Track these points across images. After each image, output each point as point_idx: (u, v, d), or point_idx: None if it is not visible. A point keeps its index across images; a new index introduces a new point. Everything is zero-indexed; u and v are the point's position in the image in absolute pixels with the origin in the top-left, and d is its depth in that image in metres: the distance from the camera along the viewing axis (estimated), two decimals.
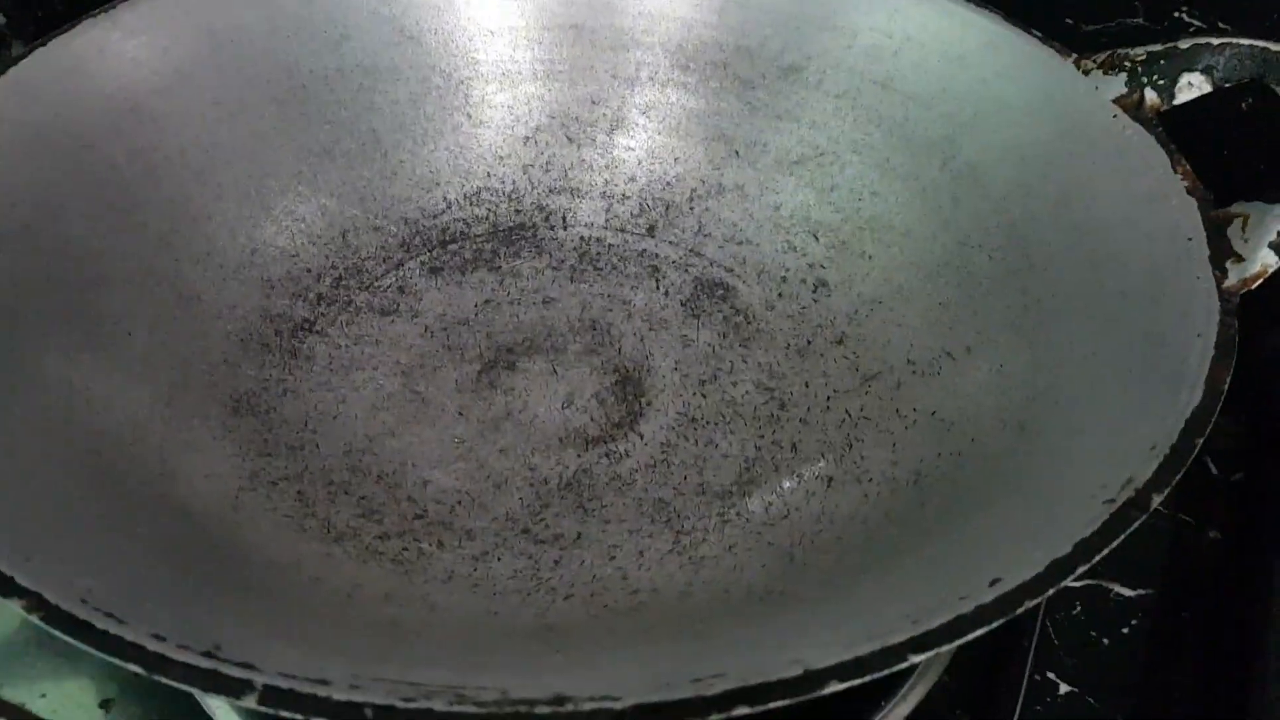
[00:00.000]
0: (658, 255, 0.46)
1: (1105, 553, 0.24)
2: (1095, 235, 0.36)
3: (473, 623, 0.31)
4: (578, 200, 0.48)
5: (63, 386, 0.33)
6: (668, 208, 0.47)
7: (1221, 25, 0.45)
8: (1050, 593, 0.24)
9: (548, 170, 0.48)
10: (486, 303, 0.44)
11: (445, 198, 0.47)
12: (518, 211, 0.48)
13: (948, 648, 0.23)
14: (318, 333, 0.42)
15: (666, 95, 0.49)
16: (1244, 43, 0.38)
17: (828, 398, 0.39)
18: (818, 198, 0.45)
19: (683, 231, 0.47)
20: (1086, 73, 0.40)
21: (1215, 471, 0.46)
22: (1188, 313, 0.31)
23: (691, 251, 0.46)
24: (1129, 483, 0.26)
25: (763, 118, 0.47)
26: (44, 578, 0.24)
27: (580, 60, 0.49)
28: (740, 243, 0.46)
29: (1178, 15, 0.46)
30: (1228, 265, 0.32)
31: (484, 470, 0.38)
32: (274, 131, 0.44)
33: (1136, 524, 0.25)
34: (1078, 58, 0.41)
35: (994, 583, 0.24)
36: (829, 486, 0.36)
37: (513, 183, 0.48)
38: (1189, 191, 0.35)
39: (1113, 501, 0.26)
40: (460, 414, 0.40)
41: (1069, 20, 0.48)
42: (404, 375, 0.41)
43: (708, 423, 0.39)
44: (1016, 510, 0.28)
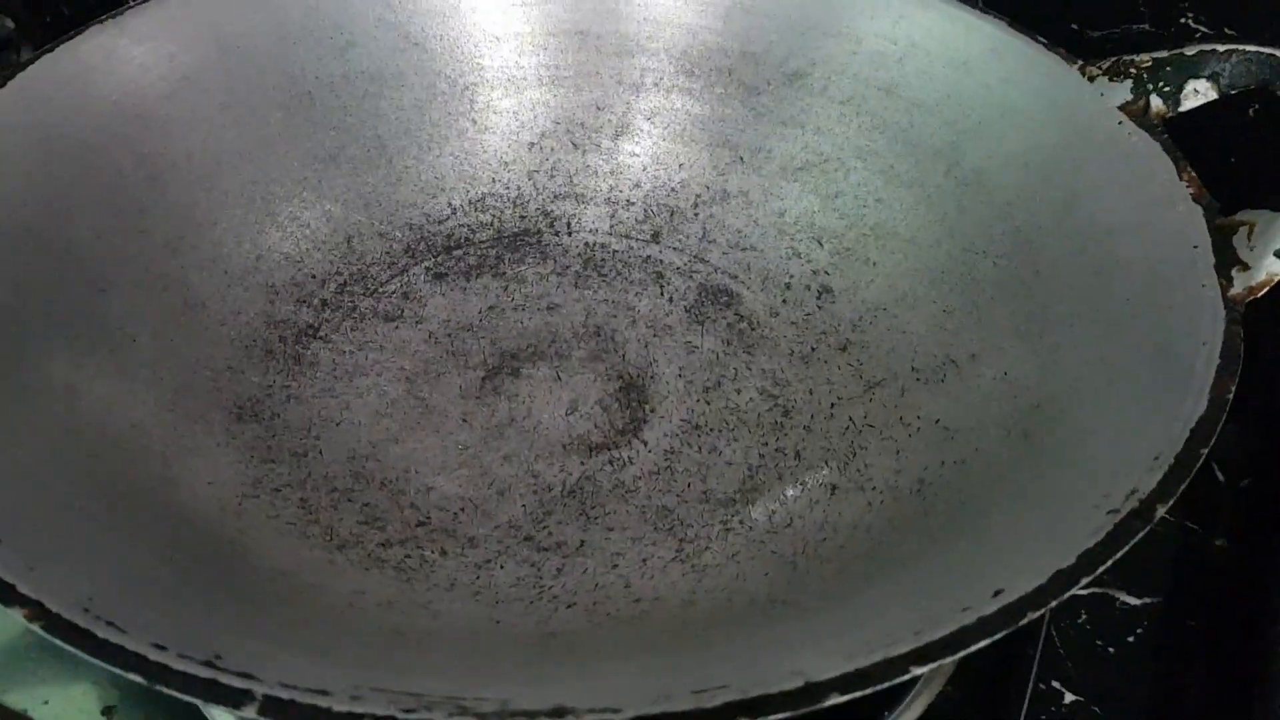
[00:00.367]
0: (662, 261, 0.46)
1: (1109, 564, 0.24)
2: (1100, 242, 0.36)
3: (475, 631, 0.31)
4: (582, 206, 0.48)
5: (67, 391, 0.33)
6: (672, 214, 0.47)
7: (1228, 31, 0.45)
8: (1053, 604, 0.24)
9: (553, 176, 0.48)
10: (491, 309, 0.44)
11: (450, 204, 0.47)
12: (522, 217, 0.48)
13: (950, 659, 0.23)
14: (322, 338, 0.42)
15: (671, 101, 0.49)
16: (1250, 49, 0.38)
17: (832, 405, 0.39)
18: (822, 204, 0.45)
19: (687, 238, 0.47)
20: (1092, 79, 0.40)
21: (1222, 479, 0.46)
22: (1193, 321, 0.31)
23: (696, 258, 0.46)
24: (1133, 493, 0.26)
25: (767, 124, 0.47)
26: (46, 586, 0.24)
27: (585, 66, 0.49)
28: (745, 249, 0.46)
29: (1184, 21, 0.46)
30: (1233, 273, 0.32)
31: (487, 477, 0.38)
32: (280, 137, 0.45)
33: (1140, 535, 0.25)
34: (1083, 64, 0.40)
35: (997, 594, 0.24)
36: (832, 494, 0.36)
37: (518, 188, 0.48)
38: (1194, 199, 0.34)
39: (1116, 512, 0.25)
40: (464, 420, 0.40)
41: (1074, 26, 0.48)
42: (408, 381, 0.41)
43: (711, 430, 0.39)
44: (1020, 519, 0.28)
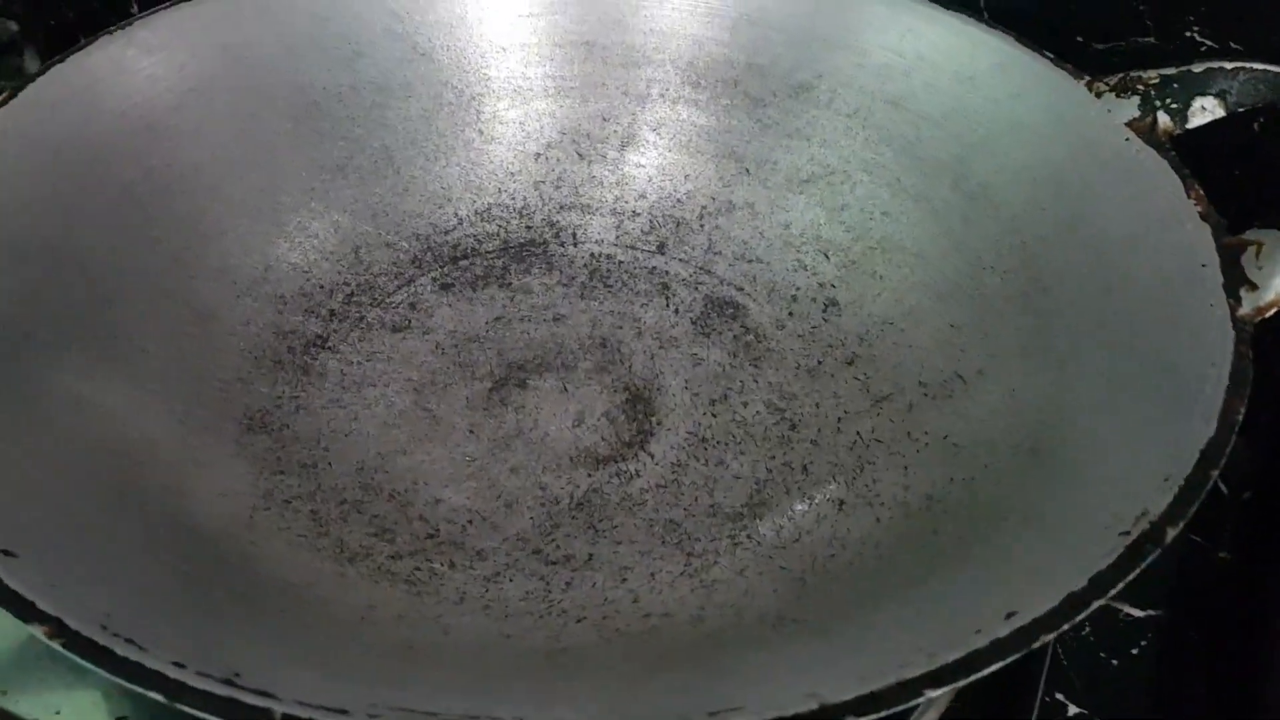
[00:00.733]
0: (668, 273, 0.46)
1: (1120, 587, 0.25)
2: (1107, 260, 0.36)
3: (486, 646, 0.31)
4: (588, 217, 0.48)
5: (78, 404, 0.34)
6: (678, 225, 0.48)
7: (1234, 46, 0.45)
8: (1065, 628, 0.24)
9: (559, 187, 0.49)
10: (497, 319, 0.44)
11: (457, 214, 0.47)
12: (528, 228, 0.48)
13: (964, 682, 0.23)
14: (330, 349, 0.42)
15: (677, 112, 0.49)
16: (1258, 67, 0.38)
17: (839, 419, 0.39)
18: (828, 217, 0.45)
19: (693, 249, 0.47)
20: (1099, 95, 0.40)
21: (1225, 491, 0.46)
22: (1201, 341, 0.31)
23: (702, 269, 0.46)
24: (1144, 515, 0.26)
25: (773, 136, 0.47)
26: (64, 603, 0.24)
27: (591, 77, 0.49)
28: (750, 261, 0.46)
29: (1189, 35, 0.46)
30: (1242, 293, 0.32)
31: (495, 489, 0.38)
32: (287, 148, 0.45)
33: (1152, 558, 0.25)
34: (1090, 80, 0.41)
35: (1009, 615, 0.24)
36: (840, 509, 0.36)
37: (524, 199, 0.48)
38: (1202, 217, 0.35)
39: (1127, 534, 0.26)
40: (471, 432, 0.40)
41: (1079, 39, 0.49)
42: (415, 392, 0.41)
43: (718, 443, 0.39)
44: (1030, 539, 0.29)
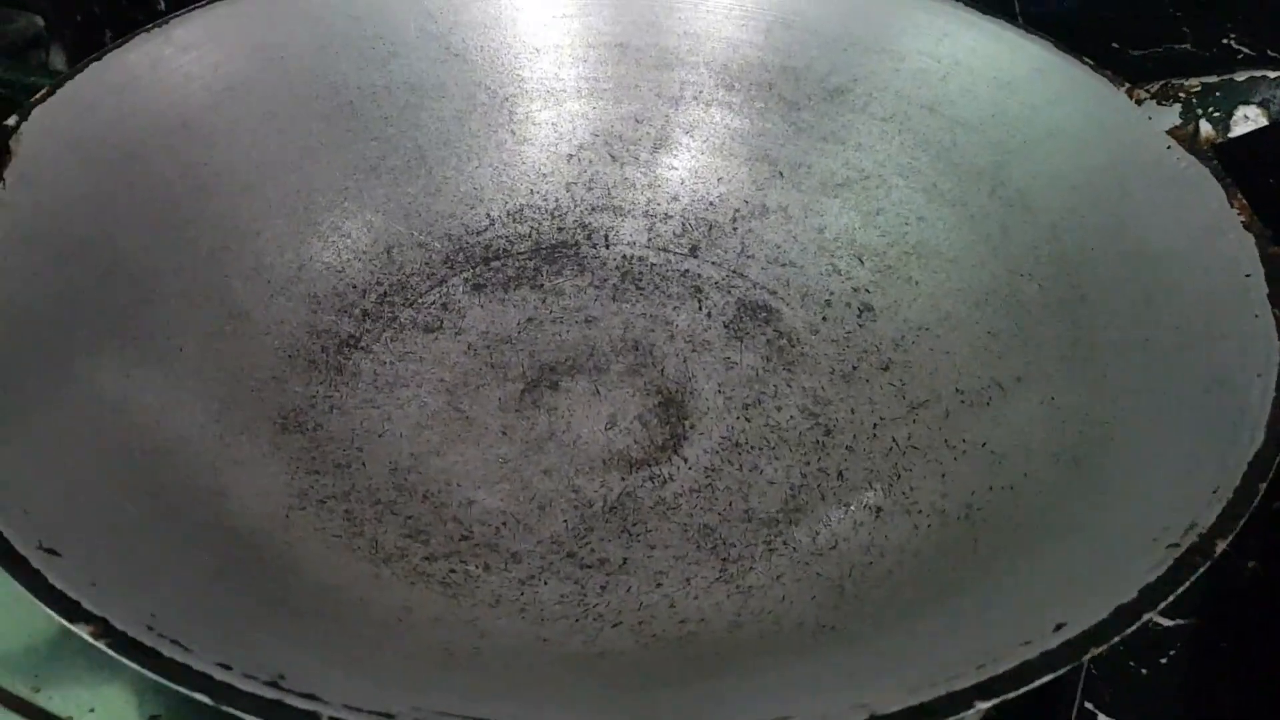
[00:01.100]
0: (700, 276, 0.46)
1: (1170, 599, 0.24)
2: (1149, 268, 0.36)
3: (523, 650, 0.31)
4: (620, 219, 0.48)
5: (118, 403, 0.34)
6: (710, 228, 0.47)
7: (1271, 54, 0.45)
8: (1115, 640, 0.24)
9: (591, 188, 0.48)
10: (529, 321, 0.44)
11: (489, 214, 0.47)
12: (560, 229, 0.48)
13: (1014, 694, 0.23)
14: (363, 349, 0.42)
15: (711, 115, 0.49)
16: None
17: (874, 425, 0.39)
18: (863, 221, 0.45)
19: (725, 252, 0.47)
20: (1140, 103, 0.39)
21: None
22: (1246, 352, 0.31)
23: (734, 272, 0.46)
24: (1192, 527, 0.26)
25: (808, 139, 0.47)
26: (109, 603, 0.24)
27: (625, 79, 0.49)
28: (784, 265, 0.46)
29: (1226, 42, 0.46)
30: None
31: (528, 491, 0.38)
32: (322, 147, 0.45)
33: (1201, 570, 0.25)
34: (1130, 87, 0.40)
35: (1059, 627, 0.24)
36: (877, 517, 0.36)
37: (556, 200, 0.48)
38: (1246, 226, 0.34)
39: (1176, 546, 0.25)
40: (504, 433, 0.40)
41: (1115, 44, 0.48)
42: (448, 393, 0.41)
43: (752, 448, 0.39)
44: (1074, 550, 0.28)
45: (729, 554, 0.35)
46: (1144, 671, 0.40)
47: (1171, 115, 0.39)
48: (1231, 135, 0.38)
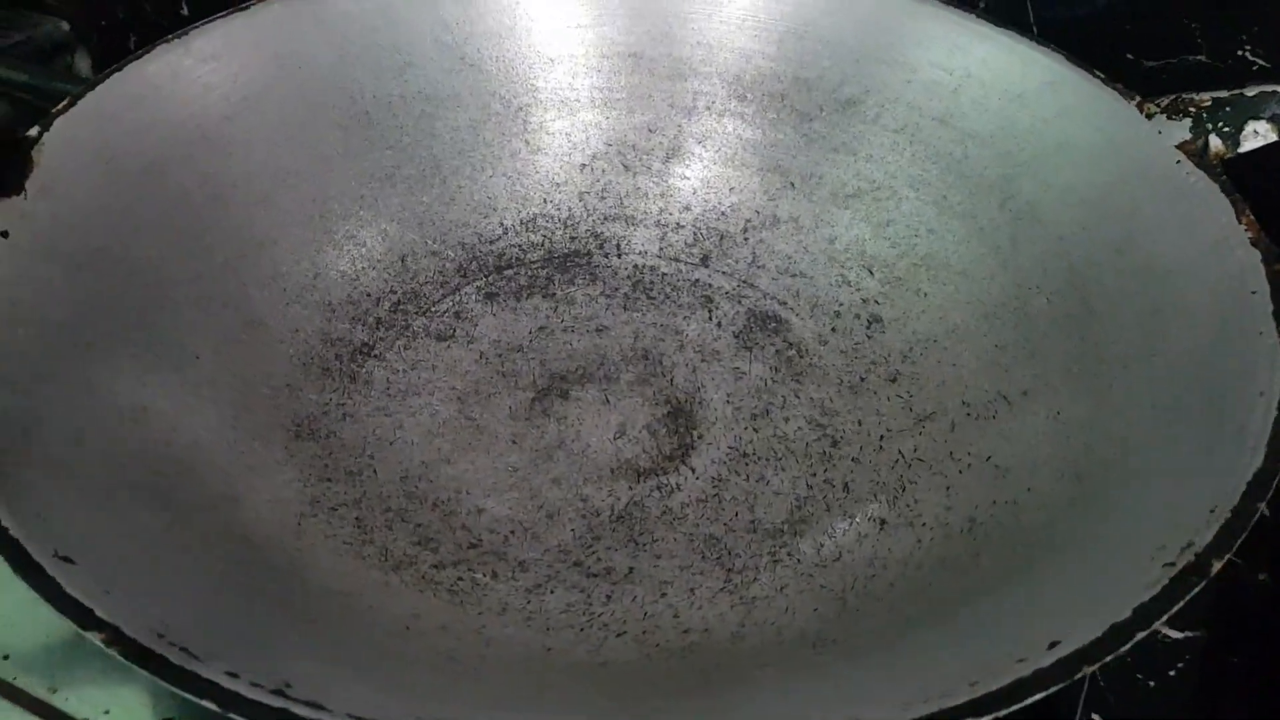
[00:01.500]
0: (711, 285, 0.47)
1: (1164, 619, 0.24)
2: (1156, 283, 0.36)
3: (528, 658, 0.31)
4: (632, 228, 0.48)
5: (134, 410, 0.34)
6: (722, 238, 0.48)
7: None
8: (1108, 659, 0.24)
9: (603, 198, 0.49)
10: (540, 329, 0.45)
11: (502, 223, 0.48)
12: (573, 238, 0.48)
13: (1005, 711, 0.23)
14: (376, 357, 0.43)
15: (723, 125, 0.49)
16: None
17: (881, 437, 0.40)
18: (873, 232, 0.45)
19: (736, 262, 0.47)
20: (1150, 116, 0.40)
21: (1266, 513, 0.46)
22: (1250, 370, 0.31)
23: (745, 283, 0.46)
24: (1189, 546, 0.26)
25: (819, 150, 0.47)
26: (121, 610, 0.25)
27: (638, 89, 0.49)
28: (794, 275, 0.46)
29: (1241, 54, 0.46)
30: None
31: (536, 500, 0.38)
32: (337, 156, 0.45)
33: (1196, 590, 0.25)
34: (1141, 101, 0.40)
35: (1052, 645, 0.24)
36: (882, 529, 0.36)
37: (568, 209, 0.49)
38: (1253, 243, 0.34)
39: (1172, 565, 0.26)
40: (514, 442, 0.40)
41: (1130, 56, 0.48)
42: (459, 401, 0.41)
43: (759, 458, 0.39)
44: (1073, 567, 0.28)
45: (734, 564, 0.36)
46: (1152, 684, 0.40)
47: (1182, 130, 0.39)
48: (1241, 150, 0.38)
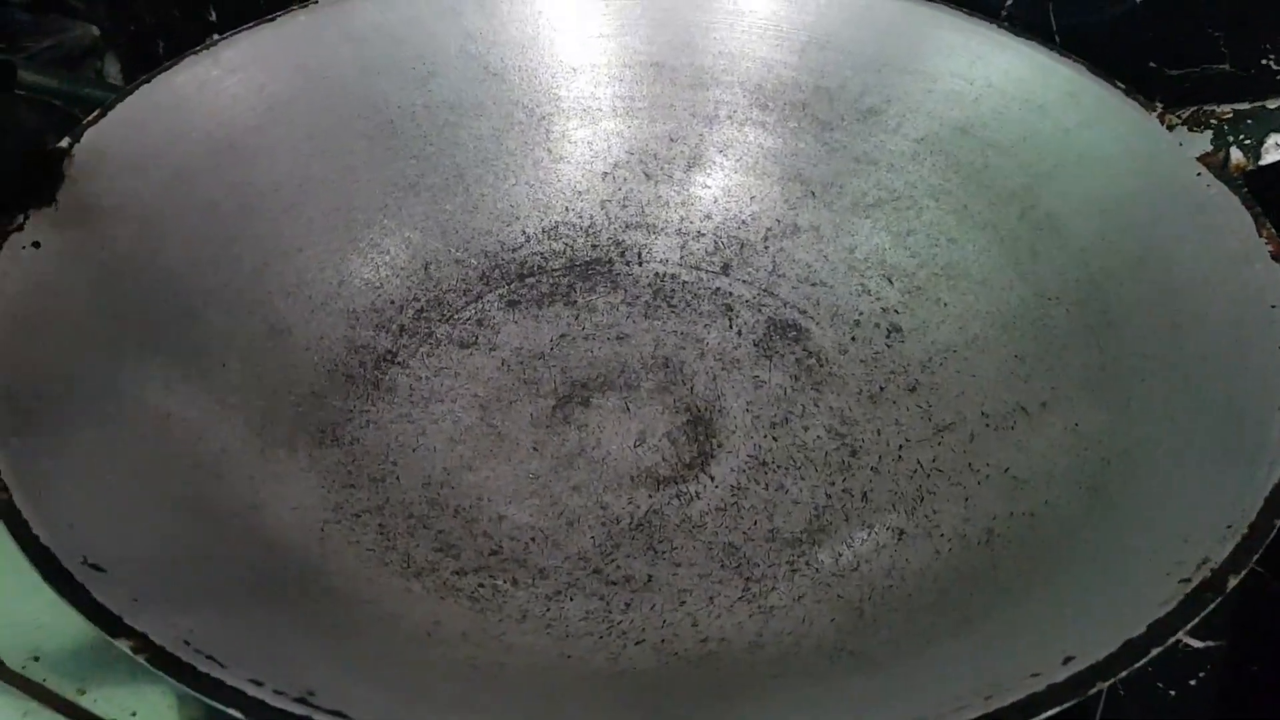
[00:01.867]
0: (731, 294, 0.47)
1: (1179, 635, 0.25)
2: (1176, 296, 0.36)
3: (547, 666, 0.31)
4: (653, 236, 0.49)
5: (161, 417, 0.35)
6: (742, 246, 0.48)
7: None
8: (1123, 675, 0.24)
9: (625, 206, 0.49)
10: (562, 337, 0.45)
11: (524, 231, 0.48)
12: (594, 246, 0.48)
13: None
14: (399, 364, 0.43)
15: (744, 134, 0.49)
16: None
17: (900, 446, 0.40)
18: (893, 242, 0.46)
19: (757, 271, 0.47)
20: (1171, 128, 0.39)
21: None
22: (1269, 384, 0.31)
23: (765, 291, 0.47)
24: (1205, 562, 0.26)
25: (840, 159, 0.48)
26: (149, 618, 0.25)
27: (660, 98, 0.50)
28: (814, 284, 0.46)
29: (1265, 63, 0.46)
30: None
31: (557, 507, 0.38)
32: (362, 166, 0.46)
33: (1212, 606, 0.25)
34: (1162, 111, 0.40)
35: (1067, 660, 0.24)
36: (900, 539, 0.36)
37: (590, 218, 0.49)
38: (1273, 256, 0.34)
39: (1188, 581, 0.26)
40: (535, 449, 0.41)
41: (1152, 65, 0.48)
42: (481, 408, 0.42)
43: (778, 467, 0.40)
44: (1089, 581, 0.29)
45: (752, 573, 0.36)
46: (1173, 693, 0.40)
47: (1203, 142, 0.39)
48: (1262, 163, 0.38)
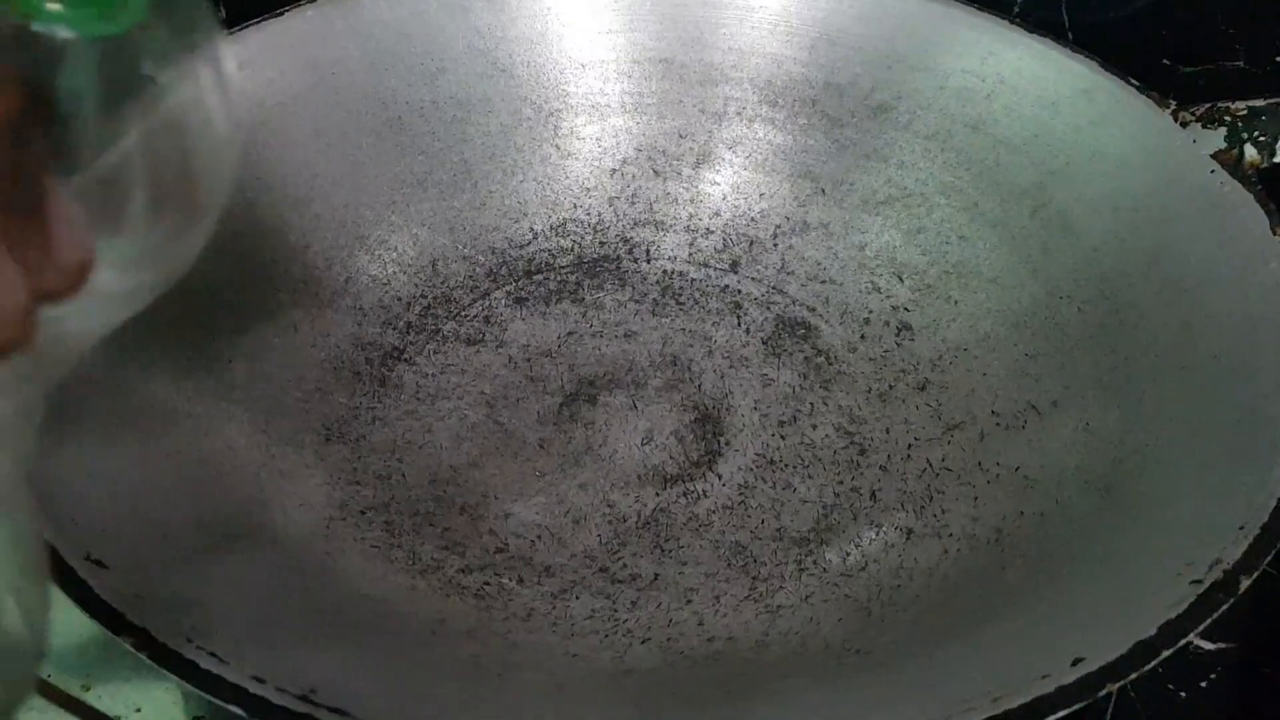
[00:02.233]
0: (740, 291, 0.47)
1: (1190, 637, 0.24)
2: (1189, 295, 0.35)
3: (552, 665, 0.31)
4: (662, 234, 0.48)
5: (168, 414, 0.35)
6: (751, 244, 0.48)
7: None
8: (1133, 676, 0.24)
9: (633, 203, 0.49)
10: (569, 334, 0.45)
11: (532, 228, 0.48)
12: (602, 243, 0.48)
13: None
14: (406, 361, 0.43)
15: (754, 131, 0.49)
16: None
17: (909, 446, 0.39)
18: (904, 239, 0.45)
19: (766, 268, 0.47)
20: (1185, 125, 0.39)
21: None
22: None
23: (774, 289, 0.46)
24: (1217, 563, 0.26)
25: (850, 156, 0.47)
26: (152, 615, 0.25)
27: (669, 94, 0.50)
28: (823, 282, 0.46)
29: (1279, 60, 0.46)
30: None
31: (563, 505, 0.38)
32: (370, 162, 0.46)
33: (1224, 608, 0.25)
34: (1176, 108, 0.40)
35: (1076, 662, 0.24)
36: (908, 539, 0.36)
37: (598, 214, 0.49)
38: None
39: (1200, 582, 0.25)
40: (541, 447, 0.40)
41: (1167, 61, 0.48)
42: (488, 406, 0.42)
43: (786, 465, 0.39)
44: (1100, 582, 0.28)
45: (759, 572, 0.36)
46: (1183, 695, 0.40)
47: (1216, 139, 0.38)
48: (1276, 160, 0.38)
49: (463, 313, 0.45)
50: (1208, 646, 0.41)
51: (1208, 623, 0.25)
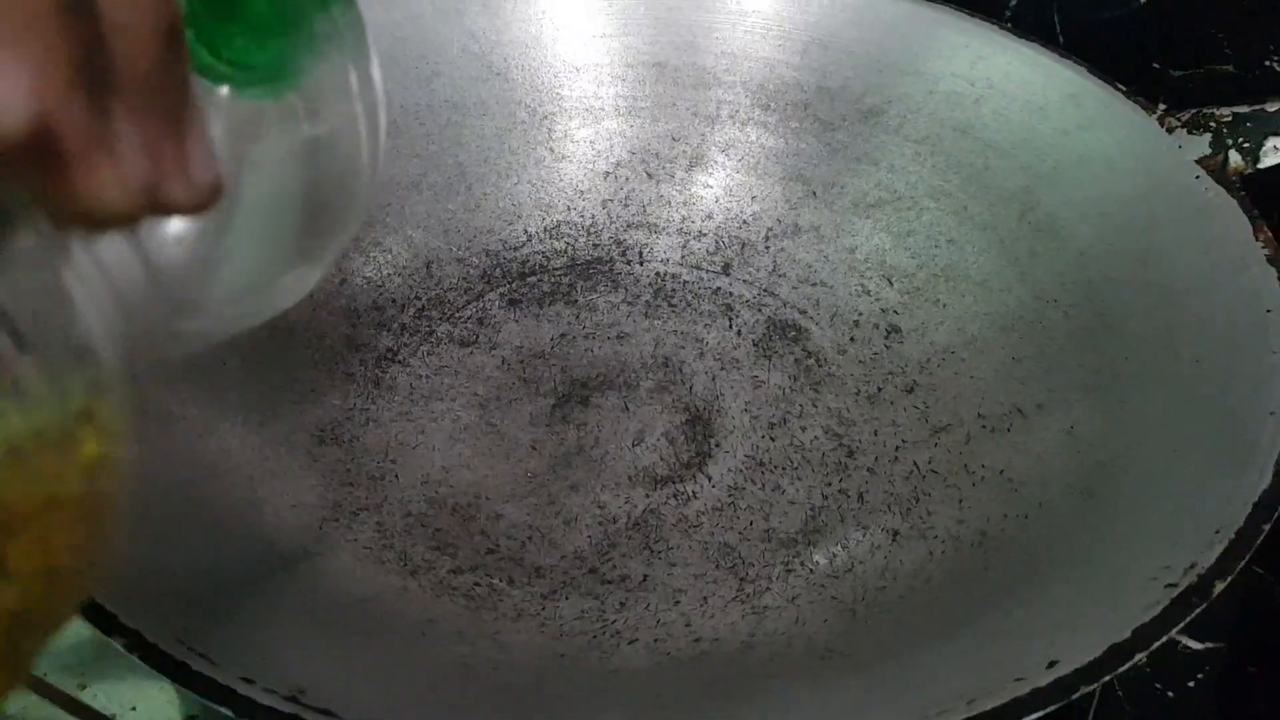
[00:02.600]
0: (732, 294, 0.47)
1: (1163, 640, 0.25)
2: (1172, 299, 0.36)
3: (540, 666, 0.32)
4: (655, 236, 0.49)
5: (163, 416, 0.35)
6: (743, 246, 0.48)
7: None
8: (1106, 679, 0.24)
9: (626, 205, 0.49)
10: (562, 336, 0.45)
11: (526, 231, 0.48)
12: (595, 246, 0.49)
13: None
14: (400, 362, 0.43)
15: (746, 134, 0.49)
16: None
17: (896, 448, 0.40)
18: (894, 242, 0.46)
19: (757, 271, 0.47)
20: (1171, 130, 0.40)
21: None
22: (1262, 389, 0.31)
23: (765, 291, 0.47)
24: (1192, 567, 0.26)
25: (841, 159, 0.48)
26: (144, 616, 0.25)
27: (662, 97, 0.50)
28: (814, 284, 0.46)
29: (1269, 64, 0.46)
30: None
31: (554, 506, 0.39)
32: None
33: (1197, 611, 0.25)
34: (1162, 114, 0.40)
35: (1051, 665, 0.24)
36: (894, 540, 0.36)
37: (592, 217, 0.49)
38: (1270, 260, 0.34)
39: (1174, 586, 0.26)
40: (533, 448, 0.41)
41: (1156, 65, 0.48)
42: (481, 407, 0.42)
43: (775, 467, 0.40)
44: (1077, 584, 0.29)
45: (747, 574, 0.36)
46: (1171, 694, 0.40)
47: (1202, 144, 0.39)
48: (1260, 166, 0.38)
49: (456, 314, 0.46)
50: (1195, 646, 0.41)
51: (1181, 626, 0.25)
